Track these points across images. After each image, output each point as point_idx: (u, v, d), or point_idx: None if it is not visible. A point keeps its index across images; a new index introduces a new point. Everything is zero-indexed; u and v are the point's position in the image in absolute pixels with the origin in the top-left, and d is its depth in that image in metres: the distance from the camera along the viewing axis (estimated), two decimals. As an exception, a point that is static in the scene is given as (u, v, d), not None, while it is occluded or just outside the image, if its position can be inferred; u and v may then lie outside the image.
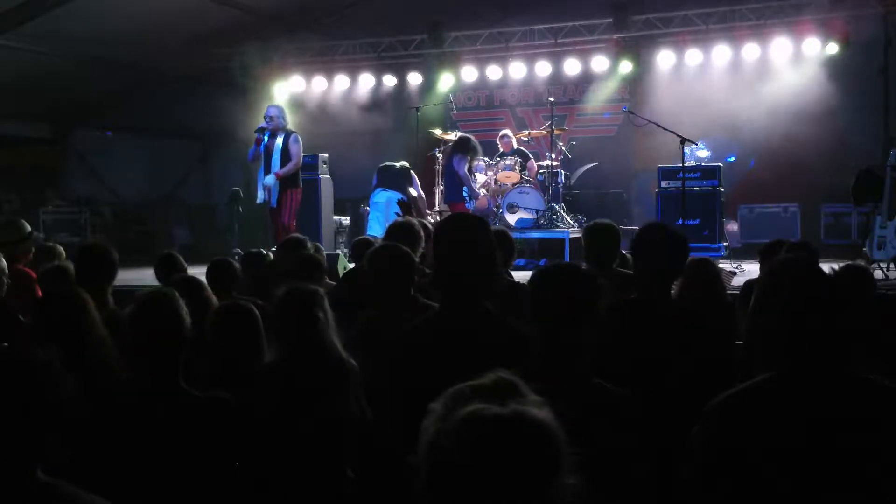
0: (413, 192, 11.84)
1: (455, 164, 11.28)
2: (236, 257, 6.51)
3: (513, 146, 11.76)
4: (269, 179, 9.44)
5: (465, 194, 11.42)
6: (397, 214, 9.71)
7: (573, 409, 1.42)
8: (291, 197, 9.62)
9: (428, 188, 11.87)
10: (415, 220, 5.26)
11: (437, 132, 11.77)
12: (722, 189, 10.66)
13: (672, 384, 3.07)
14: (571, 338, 2.46)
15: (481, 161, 11.60)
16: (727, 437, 2.22)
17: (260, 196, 9.63)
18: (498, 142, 11.93)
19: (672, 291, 3.75)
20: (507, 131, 12.11)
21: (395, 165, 11.76)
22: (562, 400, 1.41)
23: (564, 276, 2.54)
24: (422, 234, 4.81)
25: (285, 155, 9.56)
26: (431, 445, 1.35)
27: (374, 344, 3.39)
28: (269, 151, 9.49)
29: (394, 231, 4.91)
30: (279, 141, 9.49)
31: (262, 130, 9.45)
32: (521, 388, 1.40)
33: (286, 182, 9.53)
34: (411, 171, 11.88)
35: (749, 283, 5.41)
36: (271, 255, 6.10)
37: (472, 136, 11.68)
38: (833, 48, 11.88)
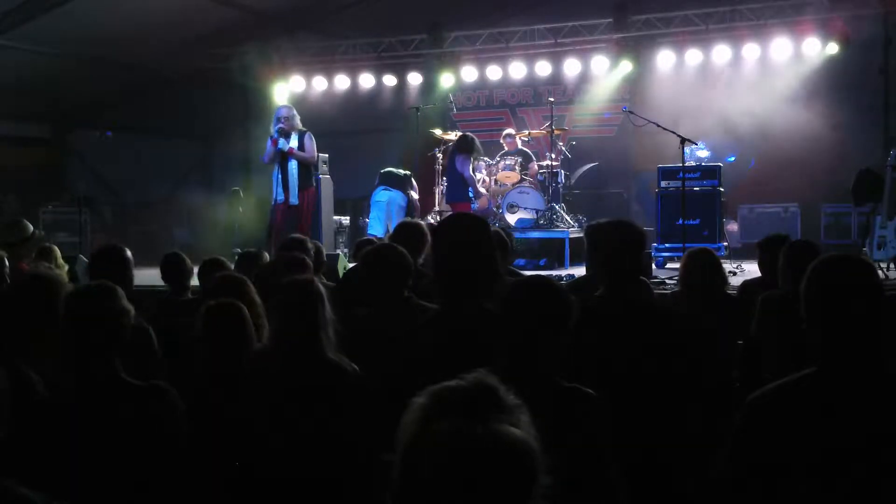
0: (414, 195, 11.85)
1: (459, 166, 11.09)
2: (236, 257, 6.51)
3: (516, 145, 11.76)
4: (284, 144, 9.44)
5: (470, 194, 11.37)
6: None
7: (541, 412, 1.41)
8: (307, 196, 9.69)
9: (428, 188, 11.87)
10: (421, 222, 5.24)
11: (437, 132, 11.76)
12: (722, 189, 10.66)
13: (639, 382, 3.07)
14: (541, 349, 2.49)
15: (481, 161, 11.59)
16: (763, 433, 2.24)
17: (279, 195, 9.60)
18: (502, 141, 11.93)
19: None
20: (511, 130, 12.11)
21: (398, 173, 11.73)
22: (530, 403, 1.41)
23: (536, 292, 2.56)
24: (427, 235, 4.78)
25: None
26: (406, 455, 1.35)
27: (364, 343, 3.39)
28: (283, 152, 9.52)
29: (400, 232, 4.90)
30: (294, 141, 9.55)
31: (279, 131, 9.48)
32: (501, 392, 1.38)
33: (304, 181, 9.60)
34: (413, 179, 11.88)
35: (745, 284, 5.42)
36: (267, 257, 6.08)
37: (473, 135, 11.63)
38: (833, 48, 11.88)
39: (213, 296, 3.76)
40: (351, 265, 8.18)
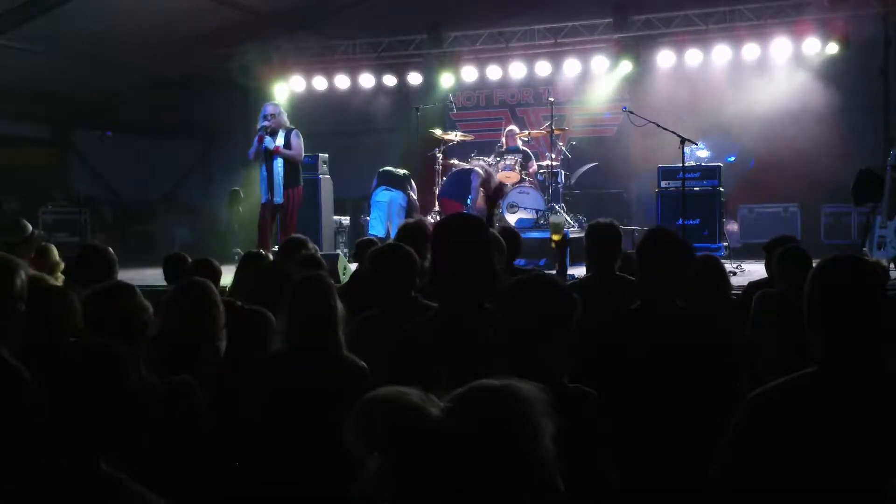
0: (413, 194, 11.84)
1: (472, 179, 10.90)
2: (236, 257, 6.51)
3: (516, 143, 11.75)
4: (269, 142, 9.40)
5: (468, 201, 11.26)
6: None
7: None
8: (293, 195, 9.62)
9: (428, 188, 11.86)
10: (425, 220, 5.23)
11: (437, 132, 11.76)
12: (722, 189, 10.66)
13: (671, 390, 3.07)
14: (541, 350, 2.47)
15: (481, 161, 11.57)
16: (763, 432, 2.25)
17: (264, 195, 9.58)
18: (503, 138, 11.91)
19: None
20: (514, 127, 12.12)
21: (397, 172, 11.70)
22: None
23: (536, 291, 2.54)
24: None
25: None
26: None
27: (371, 344, 3.38)
28: (269, 149, 9.48)
29: (405, 231, 4.89)
30: (280, 139, 9.51)
31: (264, 129, 9.44)
32: (525, 392, 1.38)
33: (290, 180, 9.53)
34: (411, 179, 11.87)
35: (751, 284, 5.43)
36: (271, 256, 6.09)
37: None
38: (833, 48, 11.87)
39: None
40: (351, 265, 8.18)
